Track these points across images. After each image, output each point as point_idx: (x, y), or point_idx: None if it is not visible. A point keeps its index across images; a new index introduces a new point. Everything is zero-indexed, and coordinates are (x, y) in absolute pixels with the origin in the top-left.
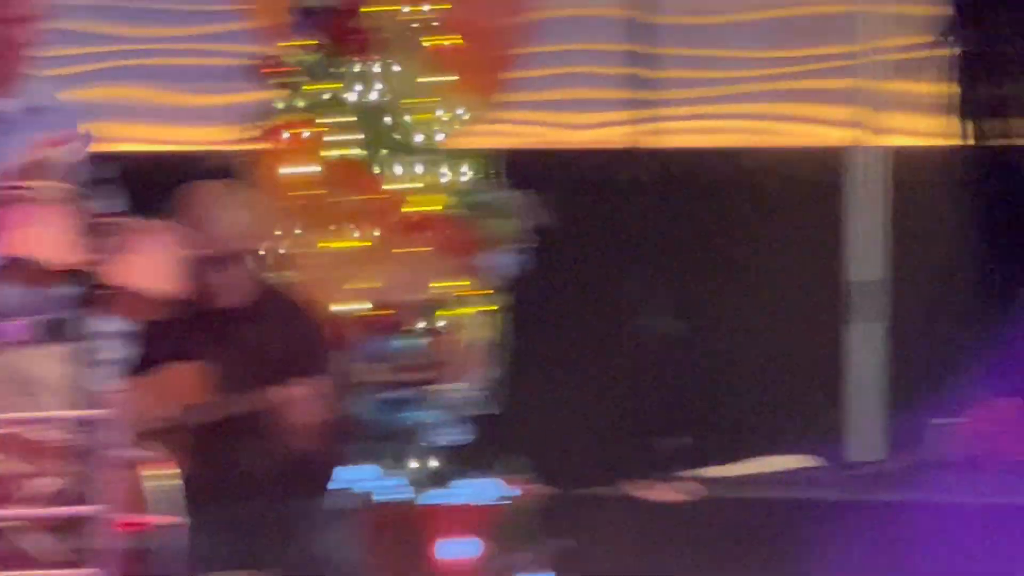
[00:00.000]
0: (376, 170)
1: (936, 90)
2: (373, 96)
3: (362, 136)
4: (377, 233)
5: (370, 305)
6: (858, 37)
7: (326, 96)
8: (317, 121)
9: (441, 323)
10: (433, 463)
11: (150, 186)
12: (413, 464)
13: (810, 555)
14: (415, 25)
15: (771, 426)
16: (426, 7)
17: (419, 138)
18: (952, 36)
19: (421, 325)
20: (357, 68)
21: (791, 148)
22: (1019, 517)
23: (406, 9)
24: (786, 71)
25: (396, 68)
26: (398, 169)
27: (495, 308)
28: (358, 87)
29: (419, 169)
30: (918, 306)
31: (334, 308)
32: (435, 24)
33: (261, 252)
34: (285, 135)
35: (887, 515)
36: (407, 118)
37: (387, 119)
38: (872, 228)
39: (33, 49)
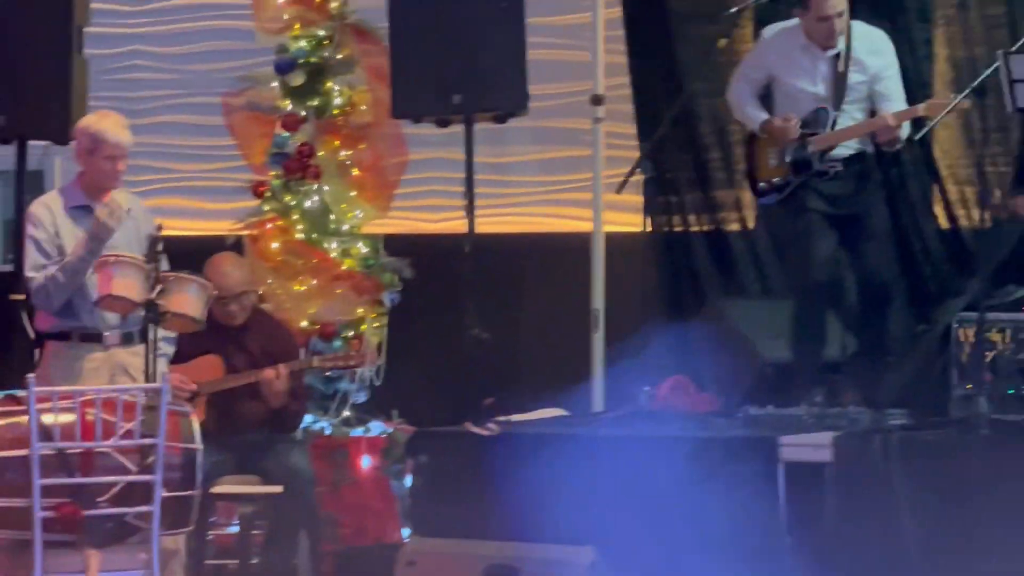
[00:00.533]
0: (322, 245)
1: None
2: (316, 202)
3: (310, 226)
4: (316, 282)
5: (316, 322)
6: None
7: (292, 203)
8: (286, 218)
9: (354, 332)
10: (349, 412)
11: (190, 256)
12: (341, 413)
13: (561, 465)
14: (340, 160)
15: (544, 392)
16: (344, 153)
17: (344, 227)
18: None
19: (346, 333)
20: (307, 187)
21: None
22: (687, 445)
23: (342, 153)
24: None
25: (326, 188)
26: (333, 244)
27: (384, 324)
28: (308, 200)
29: (341, 244)
30: (635, 331)
31: (296, 323)
32: (350, 161)
33: (254, 291)
34: (268, 226)
35: (609, 445)
36: (333, 215)
37: (328, 216)
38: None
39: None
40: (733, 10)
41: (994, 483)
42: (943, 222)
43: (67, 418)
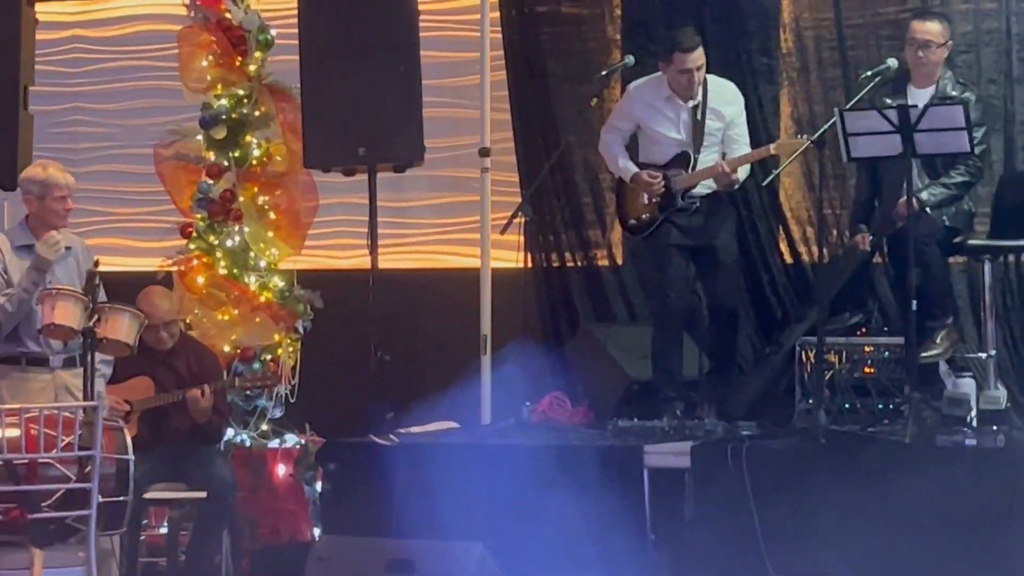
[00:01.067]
0: (242, 280)
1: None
2: (237, 241)
3: (232, 263)
4: (237, 311)
5: (237, 347)
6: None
7: (215, 242)
8: (210, 255)
9: (271, 356)
10: (267, 426)
11: (126, 289)
12: (259, 427)
13: (453, 471)
14: (258, 204)
15: (438, 407)
16: (261, 199)
17: (263, 263)
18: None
19: (263, 357)
20: (229, 228)
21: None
22: (563, 453)
23: (260, 199)
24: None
25: (246, 229)
26: (252, 278)
27: (298, 348)
28: (230, 239)
29: (259, 278)
30: (518, 354)
31: (219, 348)
32: (267, 206)
33: (181, 320)
34: (194, 262)
35: (495, 453)
36: (252, 253)
37: (247, 253)
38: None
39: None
40: (603, 73)
41: (831, 486)
42: (787, 257)
43: (13, 432)
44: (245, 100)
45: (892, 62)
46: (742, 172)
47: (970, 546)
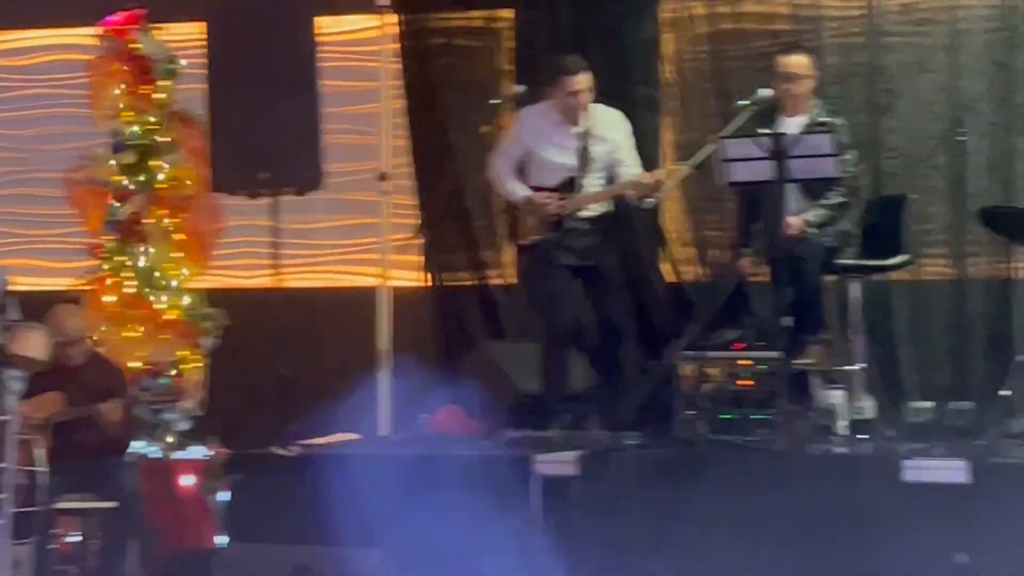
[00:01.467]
0: (150, 298)
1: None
2: (145, 262)
3: (141, 282)
4: (145, 329)
5: (145, 363)
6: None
7: (124, 262)
8: (119, 276)
9: (177, 372)
10: (173, 438)
11: (37, 308)
12: (166, 439)
13: (354, 480)
14: (165, 227)
15: (340, 419)
16: (168, 221)
17: (174, 283)
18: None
19: (170, 372)
20: (137, 249)
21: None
22: (458, 463)
23: (167, 221)
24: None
25: (153, 250)
26: (162, 297)
27: (205, 364)
28: (141, 258)
29: (169, 298)
30: (415, 369)
31: (127, 364)
32: (173, 228)
33: (89, 337)
34: (106, 281)
35: (394, 463)
36: (158, 273)
37: (155, 273)
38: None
39: None
40: (494, 101)
41: (710, 490)
42: (669, 276)
43: None
44: (154, 127)
45: (765, 92)
46: (649, 195)
47: (841, 549)
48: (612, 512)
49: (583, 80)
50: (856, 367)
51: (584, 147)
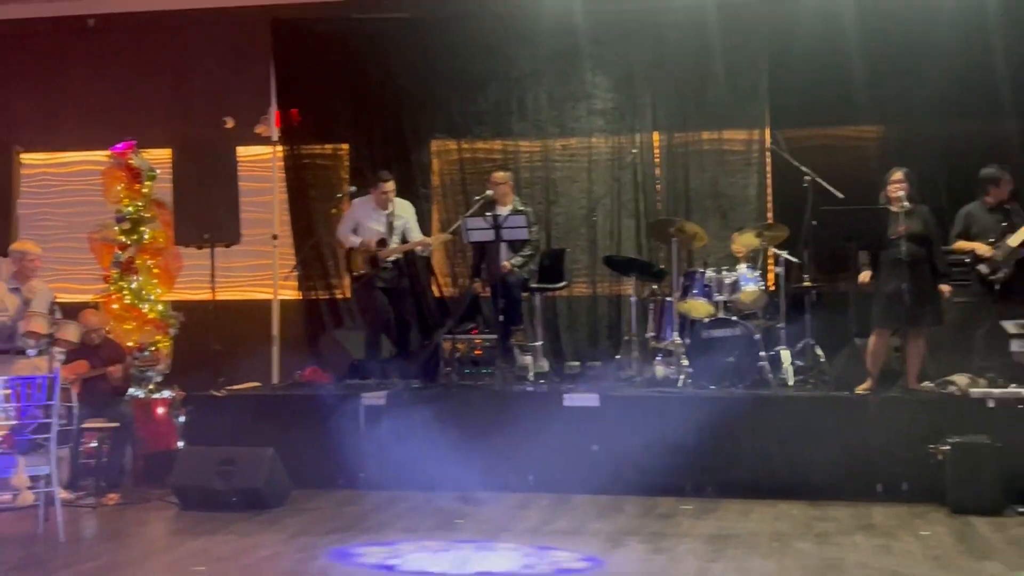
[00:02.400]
0: (139, 306)
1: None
2: (135, 286)
3: (133, 297)
4: (135, 324)
5: (136, 343)
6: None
7: (124, 285)
8: (121, 293)
9: (155, 347)
10: (153, 386)
11: (74, 310)
12: (148, 386)
13: (256, 410)
14: (148, 265)
15: (250, 376)
16: (150, 261)
17: (152, 297)
18: (297, 266)
19: (150, 348)
20: (131, 278)
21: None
22: (318, 400)
23: (149, 262)
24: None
25: (140, 278)
26: (145, 306)
27: (170, 344)
28: (133, 283)
29: (150, 306)
30: (294, 347)
31: (125, 343)
32: (152, 266)
33: (104, 327)
34: (112, 296)
35: (280, 401)
36: (144, 291)
37: (142, 291)
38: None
39: None
40: (339, 195)
41: (460, 413)
42: (437, 293)
43: (5, 390)
44: (141, 206)
45: (488, 192)
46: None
47: (532, 445)
48: (406, 427)
49: (390, 184)
50: (538, 343)
51: (390, 222)
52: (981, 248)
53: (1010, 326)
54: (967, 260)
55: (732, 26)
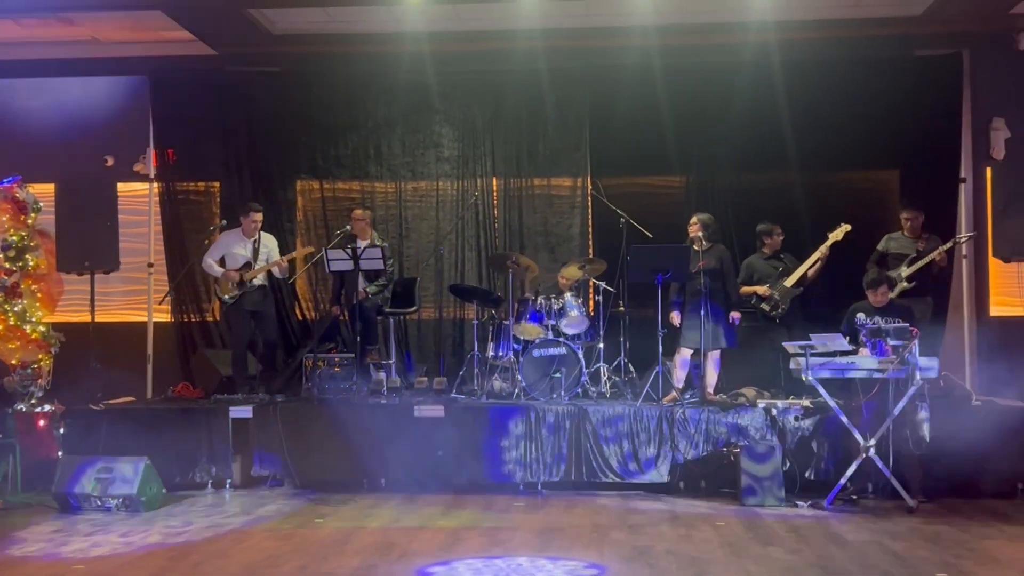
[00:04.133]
0: (23, 327)
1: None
2: (20, 308)
3: (17, 319)
4: (19, 343)
5: (19, 361)
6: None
7: (8, 308)
8: (6, 315)
9: (37, 364)
10: (35, 400)
11: None
12: (31, 400)
13: (130, 420)
14: (32, 289)
15: (121, 392)
16: (34, 286)
17: (34, 319)
18: (170, 292)
19: (32, 365)
20: (15, 301)
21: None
22: (189, 413)
23: (33, 286)
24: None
25: (25, 301)
26: (28, 327)
27: (51, 361)
28: (17, 305)
29: (32, 327)
30: (167, 363)
31: (9, 360)
32: (36, 291)
33: None
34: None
35: (153, 413)
36: (27, 313)
37: (26, 313)
38: None
39: None
40: (212, 228)
41: (320, 423)
42: (299, 316)
43: None
44: (25, 236)
45: (348, 227)
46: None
47: (386, 448)
48: (271, 441)
49: (259, 215)
50: (391, 361)
51: (256, 249)
52: (761, 290)
53: (791, 347)
54: (752, 301)
55: (559, 87)
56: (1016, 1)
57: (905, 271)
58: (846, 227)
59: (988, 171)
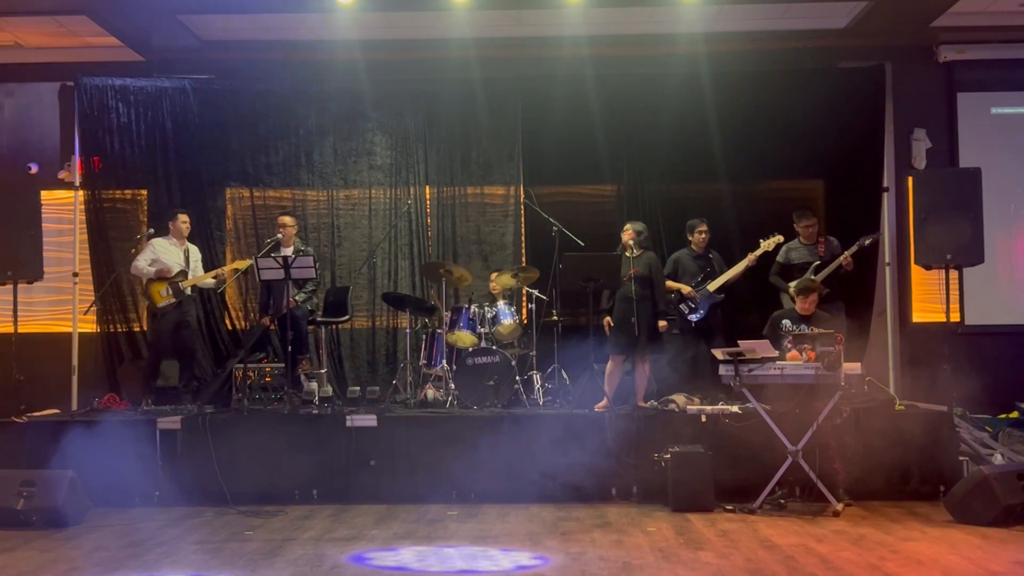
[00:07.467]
0: None
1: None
2: None
3: None
4: None
5: None
6: None
7: None
8: None
9: None
10: None
11: None
12: None
13: (55, 434)
14: None
15: (47, 404)
16: None
17: None
18: (96, 302)
19: None
20: None
21: None
22: (118, 425)
23: None
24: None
25: None
26: None
27: None
28: None
29: None
30: (91, 375)
31: None
32: None
33: None
34: None
35: (79, 427)
36: None
37: None
38: None
39: None
40: (138, 236)
41: (254, 435)
42: (229, 325)
43: None
44: None
45: (277, 235)
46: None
47: (324, 458)
48: (198, 451)
49: (185, 216)
50: (323, 370)
51: (187, 256)
52: (686, 290)
53: (719, 353)
54: (672, 296)
55: (492, 97)
56: (936, 15)
57: (816, 279)
58: (778, 237)
59: (910, 180)
